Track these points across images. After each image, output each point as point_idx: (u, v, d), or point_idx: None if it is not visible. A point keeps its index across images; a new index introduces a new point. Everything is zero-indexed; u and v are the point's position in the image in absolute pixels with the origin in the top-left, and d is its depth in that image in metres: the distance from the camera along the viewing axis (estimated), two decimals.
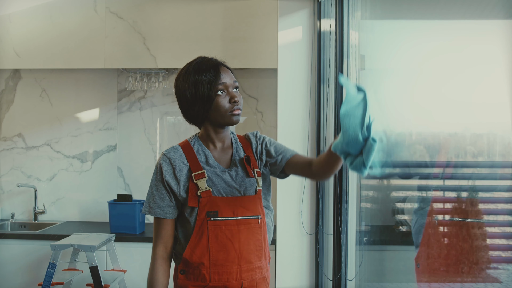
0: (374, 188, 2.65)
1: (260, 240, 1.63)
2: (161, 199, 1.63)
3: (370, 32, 2.47)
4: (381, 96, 2.45)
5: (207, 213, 1.57)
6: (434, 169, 2.21)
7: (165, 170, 1.62)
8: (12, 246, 3.29)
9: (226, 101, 1.59)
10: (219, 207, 1.58)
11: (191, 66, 1.62)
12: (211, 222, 1.57)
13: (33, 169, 3.82)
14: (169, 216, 1.64)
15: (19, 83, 3.84)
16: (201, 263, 1.58)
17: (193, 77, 1.59)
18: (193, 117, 1.64)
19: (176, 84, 1.65)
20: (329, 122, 2.73)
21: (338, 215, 2.58)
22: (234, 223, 1.59)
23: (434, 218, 2.15)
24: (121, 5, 3.47)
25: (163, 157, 1.64)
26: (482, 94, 1.88)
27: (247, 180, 1.64)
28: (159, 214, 1.64)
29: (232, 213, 1.59)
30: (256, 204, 1.64)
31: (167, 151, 1.66)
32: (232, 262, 1.58)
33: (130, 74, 3.67)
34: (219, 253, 1.57)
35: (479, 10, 1.95)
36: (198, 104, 1.59)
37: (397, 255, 2.54)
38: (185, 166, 1.62)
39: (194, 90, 1.58)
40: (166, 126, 3.79)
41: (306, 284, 2.83)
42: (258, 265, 1.63)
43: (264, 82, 3.68)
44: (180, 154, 1.64)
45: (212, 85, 1.57)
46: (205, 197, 1.58)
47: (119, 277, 3.03)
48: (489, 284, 2.00)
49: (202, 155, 1.65)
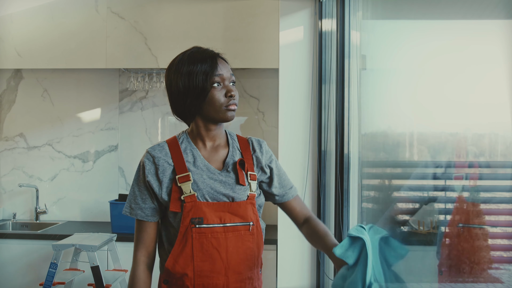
0: (375, 188, 2.64)
1: (252, 248, 1.49)
2: (142, 200, 1.52)
3: (372, 32, 2.47)
4: (382, 96, 2.45)
5: (192, 219, 1.43)
6: (437, 169, 2.20)
7: (147, 170, 1.50)
8: (14, 246, 3.30)
9: (221, 95, 1.46)
10: (204, 214, 1.44)
11: (185, 55, 1.49)
12: (196, 229, 1.43)
13: (34, 169, 3.83)
14: (151, 219, 1.52)
15: (20, 83, 3.85)
16: (184, 274, 1.45)
17: (188, 67, 1.46)
18: (183, 111, 1.52)
19: (168, 74, 1.52)
20: (331, 122, 2.72)
21: (340, 215, 2.58)
22: (221, 230, 1.45)
23: (458, 225, 2.13)
24: (123, 5, 3.47)
25: (146, 155, 1.51)
26: (484, 94, 1.88)
27: (238, 187, 1.50)
28: (140, 216, 1.52)
29: (219, 219, 1.45)
30: (247, 209, 1.49)
31: (152, 148, 1.52)
32: (218, 273, 1.45)
33: (132, 74, 3.68)
34: (204, 263, 1.44)
35: (481, 10, 1.95)
36: (190, 96, 1.46)
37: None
38: (169, 166, 1.49)
39: (188, 80, 1.45)
40: (167, 126, 3.79)
41: (307, 284, 2.83)
42: (249, 276, 1.50)
43: (265, 82, 3.68)
44: (165, 152, 1.50)
45: (208, 76, 1.44)
46: (189, 202, 1.44)
47: (121, 277, 3.03)
48: (490, 284, 2.00)
49: (189, 155, 1.51)
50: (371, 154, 2.55)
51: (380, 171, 2.59)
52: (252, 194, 1.52)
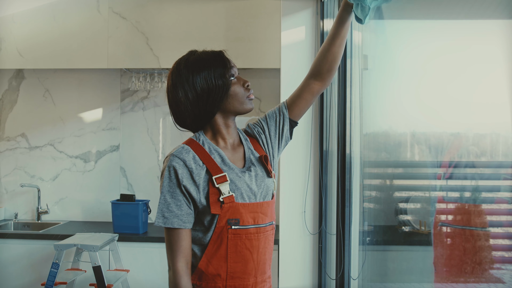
0: (377, 188, 2.64)
1: (272, 246, 1.53)
2: (178, 206, 1.43)
3: (373, 32, 2.47)
4: (383, 96, 2.45)
5: (228, 220, 1.41)
6: (438, 169, 2.20)
7: (180, 174, 1.41)
8: (15, 246, 3.30)
9: (240, 87, 1.49)
10: (241, 215, 1.42)
11: (189, 62, 1.46)
12: (232, 230, 1.42)
13: (36, 169, 3.83)
14: (188, 225, 1.45)
15: (22, 83, 3.85)
16: (217, 275, 1.43)
17: (201, 71, 1.44)
18: (199, 115, 1.46)
19: (174, 87, 1.46)
20: (332, 122, 2.73)
21: (341, 215, 2.58)
22: (254, 231, 1.45)
23: (440, 224, 2.14)
24: (124, 5, 3.47)
25: (175, 159, 1.42)
26: (486, 94, 1.88)
27: (267, 180, 1.50)
28: (177, 224, 1.43)
29: (252, 220, 1.44)
30: (273, 209, 1.52)
31: (178, 152, 1.44)
32: (249, 275, 1.45)
33: (133, 74, 3.68)
34: (237, 265, 1.43)
35: (482, 9, 1.95)
36: (212, 96, 1.43)
37: (400, 255, 2.54)
38: (202, 168, 1.43)
39: (206, 83, 1.43)
40: (169, 126, 3.79)
41: (309, 283, 2.83)
42: (269, 274, 1.53)
43: (267, 82, 3.68)
44: (192, 155, 1.44)
45: (224, 73, 1.45)
46: (228, 203, 1.41)
47: (122, 277, 3.03)
48: (492, 284, 2.00)
49: (216, 155, 1.47)
50: (372, 154, 2.56)
51: (381, 171, 2.60)
52: (274, 194, 1.53)
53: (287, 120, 1.59)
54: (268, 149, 1.58)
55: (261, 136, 1.59)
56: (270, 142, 1.59)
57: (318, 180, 2.79)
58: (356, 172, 2.55)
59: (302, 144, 2.82)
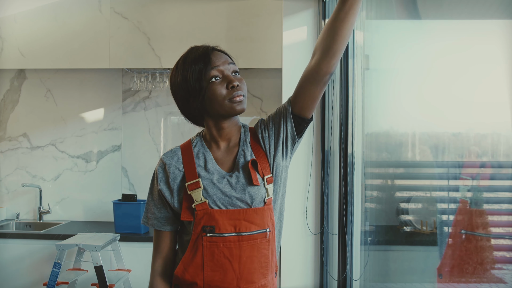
0: (378, 188, 2.64)
1: (267, 255, 1.41)
2: (158, 209, 1.45)
3: (375, 32, 2.47)
4: (385, 96, 2.45)
5: (203, 227, 1.36)
6: (440, 169, 2.20)
7: (159, 178, 1.44)
8: (17, 245, 3.30)
9: (222, 88, 1.37)
10: (217, 222, 1.36)
11: (180, 60, 1.43)
12: (207, 238, 1.35)
13: (38, 169, 3.84)
14: (167, 228, 1.46)
15: (24, 83, 3.85)
16: (194, 283, 1.38)
17: (183, 71, 1.39)
18: (191, 115, 1.45)
19: (170, 82, 1.46)
20: (334, 122, 2.72)
21: (343, 215, 2.58)
22: (235, 239, 1.36)
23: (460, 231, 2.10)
24: (126, 5, 3.48)
25: (160, 163, 1.46)
26: (487, 94, 1.88)
27: (250, 188, 1.40)
28: (156, 226, 1.46)
29: (233, 228, 1.36)
30: (264, 216, 1.41)
31: (165, 155, 1.46)
32: (229, 284, 1.37)
33: (135, 74, 3.68)
34: (214, 273, 1.36)
35: (484, 9, 1.94)
36: (192, 98, 1.39)
37: (402, 255, 2.53)
38: (180, 173, 1.42)
39: (186, 84, 1.38)
40: (170, 126, 3.80)
41: (310, 283, 2.83)
42: (262, 283, 1.42)
43: (269, 82, 3.68)
44: (177, 158, 1.44)
45: (202, 73, 1.36)
46: (201, 210, 1.36)
47: (124, 276, 3.03)
48: (493, 284, 1.99)
49: (201, 159, 1.43)
50: (374, 154, 2.56)
51: (383, 171, 2.60)
52: (269, 199, 1.43)
53: (290, 115, 1.45)
54: (269, 150, 1.46)
55: (263, 135, 1.47)
56: (273, 142, 1.47)
57: (320, 180, 2.79)
58: (358, 172, 2.55)
59: (304, 144, 2.82)
